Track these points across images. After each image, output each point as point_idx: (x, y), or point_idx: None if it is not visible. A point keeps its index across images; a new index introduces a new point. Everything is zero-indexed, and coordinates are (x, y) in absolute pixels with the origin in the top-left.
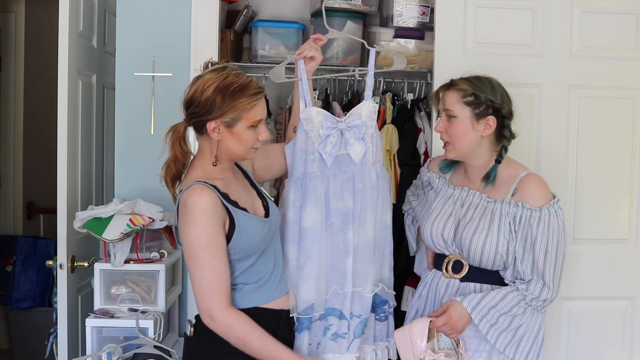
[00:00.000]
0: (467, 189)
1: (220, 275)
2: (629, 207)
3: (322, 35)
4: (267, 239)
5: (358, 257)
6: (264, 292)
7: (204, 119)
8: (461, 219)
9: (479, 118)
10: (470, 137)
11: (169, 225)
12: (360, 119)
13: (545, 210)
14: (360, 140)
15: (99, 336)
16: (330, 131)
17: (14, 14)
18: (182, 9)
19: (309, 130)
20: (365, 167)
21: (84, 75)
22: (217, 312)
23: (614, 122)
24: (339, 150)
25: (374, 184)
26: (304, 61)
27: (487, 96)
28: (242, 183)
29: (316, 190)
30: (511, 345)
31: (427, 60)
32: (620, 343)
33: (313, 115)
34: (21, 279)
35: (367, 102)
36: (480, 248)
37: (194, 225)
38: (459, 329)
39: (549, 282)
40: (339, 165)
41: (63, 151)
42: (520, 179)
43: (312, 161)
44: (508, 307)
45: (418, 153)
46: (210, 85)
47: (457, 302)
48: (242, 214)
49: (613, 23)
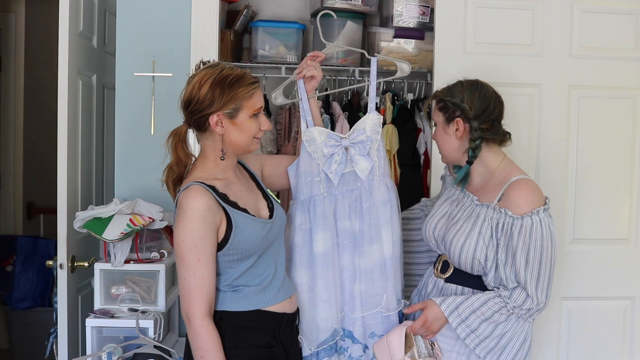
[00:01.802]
0: (465, 190)
1: (203, 280)
2: (629, 207)
3: (319, 52)
4: (268, 241)
5: (368, 279)
6: (265, 295)
7: (206, 113)
8: (451, 220)
9: (449, 122)
10: (447, 142)
11: (169, 225)
12: (365, 133)
13: (528, 218)
14: (365, 156)
15: (99, 336)
16: (334, 149)
17: (14, 14)
18: (182, 9)
19: (313, 152)
20: (373, 183)
21: (84, 75)
22: (193, 316)
23: (614, 122)
24: (344, 168)
25: (384, 198)
26: (303, 81)
27: (452, 99)
28: (245, 184)
29: (325, 212)
30: (493, 353)
31: (427, 60)
32: (621, 343)
33: (315, 135)
34: (21, 279)
35: (372, 115)
36: (459, 250)
37: (184, 227)
38: (434, 331)
39: (531, 292)
40: (346, 184)
41: (63, 151)
42: (509, 185)
43: (319, 183)
44: (489, 312)
45: (418, 153)
46: (207, 80)
47: (434, 304)
48: (240, 214)
49: (613, 23)
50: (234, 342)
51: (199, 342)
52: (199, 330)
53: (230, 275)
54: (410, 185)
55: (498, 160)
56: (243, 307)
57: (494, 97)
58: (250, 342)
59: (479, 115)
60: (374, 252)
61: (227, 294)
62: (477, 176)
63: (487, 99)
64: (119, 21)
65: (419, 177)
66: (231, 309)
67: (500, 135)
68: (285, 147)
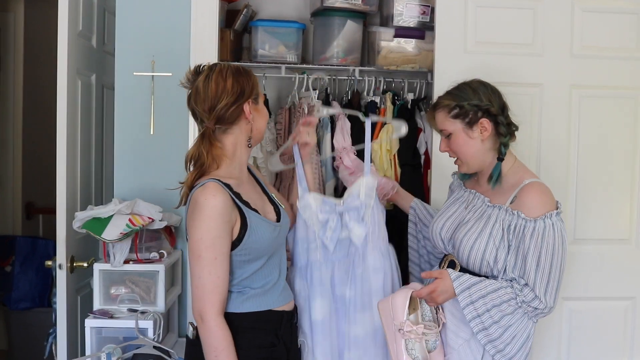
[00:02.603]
0: (474, 191)
1: (219, 279)
2: (630, 207)
3: (312, 117)
4: (277, 244)
5: (359, 348)
6: (267, 298)
7: (240, 102)
8: (462, 221)
9: (472, 125)
10: (472, 147)
11: (168, 226)
12: (359, 199)
13: (541, 221)
14: (360, 222)
15: (98, 336)
16: (329, 215)
17: (13, 14)
18: (182, 9)
19: (308, 219)
20: (367, 249)
21: (83, 75)
22: (207, 315)
23: (615, 122)
24: (340, 234)
25: (377, 266)
26: (297, 146)
27: (471, 102)
28: (253, 187)
29: (322, 279)
30: (495, 344)
31: (427, 60)
32: (621, 343)
33: (310, 201)
34: (20, 280)
35: (367, 178)
36: (468, 250)
37: (201, 224)
38: (438, 302)
39: (540, 294)
40: (342, 249)
41: (62, 151)
42: (522, 187)
43: (315, 249)
44: (498, 301)
45: (418, 153)
46: (227, 73)
47: (447, 277)
48: (254, 214)
49: (614, 22)
50: (238, 344)
51: (213, 342)
52: (213, 329)
53: (239, 276)
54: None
55: (510, 162)
56: (245, 309)
57: (496, 89)
58: (253, 343)
59: (502, 110)
60: (366, 320)
61: (232, 295)
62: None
63: (497, 93)
64: (118, 21)
65: (419, 177)
66: (235, 310)
67: (514, 127)
68: None
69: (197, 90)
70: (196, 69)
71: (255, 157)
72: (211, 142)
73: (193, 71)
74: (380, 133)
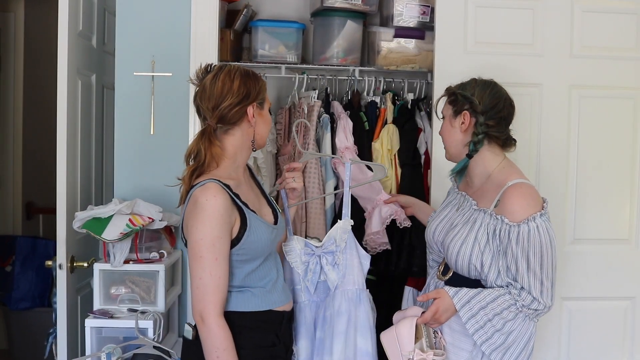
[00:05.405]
0: (464, 194)
1: (219, 279)
2: (630, 207)
3: (296, 163)
4: (273, 245)
5: None
6: (269, 297)
7: (245, 104)
8: (452, 224)
9: (456, 114)
10: (452, 135)
11: (168, 226)
12: (335, 243)
13: (524, 225)
14: (334, 266)
15: (98, 336)
16: (310, 258)
17: (13, 14)
18: (182, 9)
19: (292, 262)
20: (337, 293)
21: (83, 74)
22: (209, 315)
23: (614, 122)
24: (319, 277)
25: (342, 310)
26: (285, 192)
27: (463, 92)
28: (252, 188)
29: (306, 320)
30: (499, 351)
31: (427, 60)
32: (621, 343)
33: (294, 244)
34: (20, 279)
35: (343, 222)
36: (455, 255)
37: (202, 224)
38: (441, 322)
39: (537, 296)
40: (325, 291)
41: (62, 151)
42: (505, 189)
43: (299, 291)
44: (499, 309)
45: (419, 153)
46: (236, 74)
47: (445, 295)
48: (253, 215)
49: (614, 23)
50: (239, 343)
51: (215, 342)
52: (215, 329)
53: (236, 276)
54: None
55: (497, 161)
56: (246, 308)
57: (505, 97)
58: (254, 343)
59: (486, 111)
60: None
61: (232, 294)
62: (477, 178)
63: (497, 97)
64: (118, 21)
65: (419, 177)
66: (235, 309)
67: (505, 137)
68: (285, 147)
69: (204, 88)
70: (207, 67)
71: (256, 157)
72: (210, 141)
73: (203, 69)
74: (381, 133)
